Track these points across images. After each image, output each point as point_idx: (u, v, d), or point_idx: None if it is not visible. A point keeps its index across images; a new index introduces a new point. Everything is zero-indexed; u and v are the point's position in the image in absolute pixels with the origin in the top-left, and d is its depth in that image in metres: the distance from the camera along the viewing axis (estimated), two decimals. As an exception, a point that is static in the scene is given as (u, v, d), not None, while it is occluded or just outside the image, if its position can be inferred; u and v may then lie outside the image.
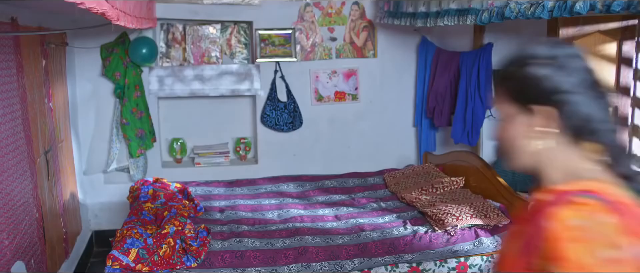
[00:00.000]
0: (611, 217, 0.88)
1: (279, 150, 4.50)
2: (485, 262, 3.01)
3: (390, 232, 3.03)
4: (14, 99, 2.63)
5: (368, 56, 4.54)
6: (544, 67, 0.97)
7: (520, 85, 1.00)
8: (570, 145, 0.98)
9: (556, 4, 2.37)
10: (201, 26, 4.34)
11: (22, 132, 2.73)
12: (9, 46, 2.61)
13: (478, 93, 3.83)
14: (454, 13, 3.20)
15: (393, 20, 4.00)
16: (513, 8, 2.65)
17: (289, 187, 3.96)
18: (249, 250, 2.81)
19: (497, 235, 3.02)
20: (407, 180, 3.87)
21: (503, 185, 3.30)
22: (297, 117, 4.44)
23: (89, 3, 1.67)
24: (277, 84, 4.39)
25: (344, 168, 4.39)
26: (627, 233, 0.88)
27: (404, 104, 4.67)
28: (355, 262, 2.83)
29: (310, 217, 3.34)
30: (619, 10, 2.10)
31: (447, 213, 3.07)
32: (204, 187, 3.89)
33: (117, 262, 2.54)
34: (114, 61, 4.02)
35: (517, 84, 1.00)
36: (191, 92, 4.24)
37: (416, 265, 2.91)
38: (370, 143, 4.65)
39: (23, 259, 2.62)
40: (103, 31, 3.78)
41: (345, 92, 4.55)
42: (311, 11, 4.39)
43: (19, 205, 2.62)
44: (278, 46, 4.37)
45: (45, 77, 3.18)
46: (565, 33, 2.84)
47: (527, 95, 0.99)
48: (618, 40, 2.83)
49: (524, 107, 0.99)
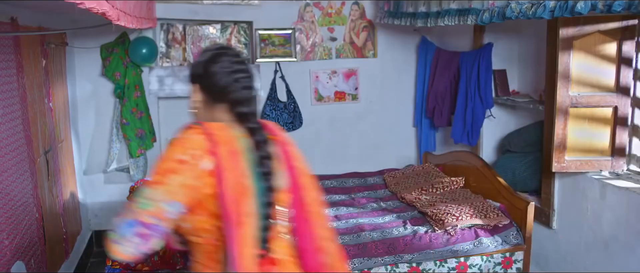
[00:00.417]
0: (200, 137, 1.36)
1: (279, 150, 4.49)
2: (485, 262, 3.01)
3: (390, 232, 3.03)
4: (14, 99, 2.63)
5: (368, 56, 4.54)
6: (197, 60, 1.50)
7: (189, 71, 1.53)
8: (212, 105, 1.47)
9: (557, 4, 2.37)
10: (201, 26, 4.34)
11: (22, 132, 2.73)
12: (9, 46, 2.60)
13: (478, 93, 3.83)
14: (454, 13, 3.20)
15: (393, 20, 4.00)
16: (514, 8, 2.65)
17: (289, 187, 3.96)
18: (249, 250, 2.81)
19: (497, 235, 3.02)
20: (407, 180, 3.87)
21: (503, 185, 3.30)
22: (297, 117, 4.44)
23: (89, 3, 1.67)
24: (277, 84, 4.39)
25: (344, 168, 4.39)
26: (203, 150, 1.34)
27: (404, 104, 4.67)
28: (355, 262, 2.83)
29: (311, 217, 3.33)
30: (619, 10, 2.10)
31: (447, 213, 3.07)
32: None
33: (117, 262, 2.54)
34: (114, 61, 4.02)
35: (188, 71, 1.54)
36: (191, 92, 4.24)
37: (416, 265, 2.91)
38: (370, 144, 4.64)
39: (23, 259, 2.62)
40: (103, 31, 3.77)
41: (345, 92, 4.55)
42: (311, 11, 4.39)
43: (19, 205, 2.62)
44: (278, 46, 4.37)
45: (45, 77, 3.18)
46: (566, 33, 2.84)
47: (189, 78, 1.52)
48: (618, 40, 2.82)
49: (191, 84, 1.51)
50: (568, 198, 3.19)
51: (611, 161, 2.94)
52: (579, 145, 2.97)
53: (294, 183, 1.54)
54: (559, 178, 3.24)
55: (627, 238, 2.75)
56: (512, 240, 3.02)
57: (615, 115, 2.90)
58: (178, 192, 1.29)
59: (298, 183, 1.55)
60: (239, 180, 1.35)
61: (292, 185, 1.52)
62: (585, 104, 2.91)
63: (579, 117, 2.93)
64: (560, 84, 2.90)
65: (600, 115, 2.92)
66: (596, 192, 2.96)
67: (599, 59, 2.87)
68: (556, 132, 2.95)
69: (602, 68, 2.88)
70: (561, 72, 2.89)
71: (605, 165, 2.95)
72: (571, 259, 3.19)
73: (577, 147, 2.97)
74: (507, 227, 3.05)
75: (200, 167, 1.33)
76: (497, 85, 3.92)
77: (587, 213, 3.04)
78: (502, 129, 4.02)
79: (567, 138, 2.95)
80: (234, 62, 1.45)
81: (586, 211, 3.04)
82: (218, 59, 1.45)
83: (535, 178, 3.49)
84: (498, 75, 3.93)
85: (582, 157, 2.97)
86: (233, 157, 1.37)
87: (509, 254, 3.03)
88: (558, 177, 3.24)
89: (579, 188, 3.09)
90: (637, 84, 2.89)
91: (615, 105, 2.89)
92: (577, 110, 2.92)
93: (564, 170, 3.00)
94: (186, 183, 1.31)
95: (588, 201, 3.02)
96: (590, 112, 2.92)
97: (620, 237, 2.79)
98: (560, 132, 2.95)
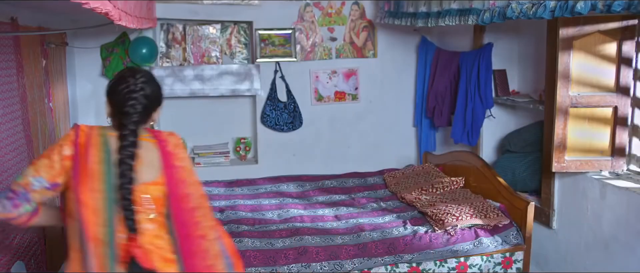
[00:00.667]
0: (72, 132, 1.76)
1: (279, 150, 4.50)
2: (485, 262, 3.01)
3: (390, 232, 3.03)
4: (14, 99, 2.63)
5: (368, 56, 4.54)
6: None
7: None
8: (111, 114, 1.85)
9: (557, 4, 2.37)
10: (201, 26, 4.34)
11: (22, 132, 2.73)
12: (9, 46, 2.61)
13: (478, 93, 3.83)
14: (455, 13, 3.20)
15: (394, 20, 4.00)
16: (515, 8, 2.65)
17: (289, 187, 3.96)
18: (248, 250, 2.81)
19: (497, 235, 3.02)
20: (407, 180, 3.87)
21: (503, 185, 3.30)
22: (297, 117, 4.44)
23: (93, 3, 1.67)
24: (277, 84, 4.39)
25: (344, 168, 4.39)
26: (69, 141, 1.74)
27: (404, 104, 4.67)
28: (355, 262, 2.84)
29: (310, 217, 3.34)
30: (619, 10, 2.11)
31: (447, 213, 3.07)
32: (204, 187, 3.87)
33: None
34: (114, 61, 4.02)
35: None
36: (191, 92, 4.24)
37: (416, 265, 2.91)
38: (370, 144, 4.65)
39: (23, 259, 2.62)
40: (103, 31, 3.77)
41: (345, 92, 4.55)
42: (311, 11, 4.39)
43: (19, 205, 2.62)
44: (278, 46, 4.37)
45: (45, 77, 3.18)
46: (566, 33, 2.84)
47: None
48: (618, 40, 2.83)
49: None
50: (568, 198, 3.19)
51: (611, 161, 2.94)
52: (578, 145, 2.97)
53: (171, 179, 1.80)
54: (559, 178, 3.24)
55: (627, 238, 2.75)
56: (512, 240, 3.02)
57: (615, 115, 2.90)
58: (42, 169, 1.70)
59: (175, 179, 1.81)
60: (89, 165, 1.70)
61: (168, 181, 1.79)
62: (585, 104, 2.91)
63: (578, 117, 2.93)
64: (560, 84, 2.90)
65: (600, 115, 2.92)
66: (596, 192, 2.96)
67: (599, 59, 2.87)
68: (556, 132, 2.95)
69: (602, 68, 2.88)
70: (561, 72, 2.89)
71: (605, 165, 2.95)
72: (571, 259, 3.19)
73: (577, 147, 2.97)
74: (507, 227, 3.05)
75: (63, 152, 1.72)
76: (497, 85, 3.92)
77: (587, 213, 3.04)
78: (502, 129, 4.02)
79: (567, 138, 2.95)
80: (124, 86, 1.79)
81: (586, 211, 3.04)
82: (116, 81, 1.83)
83: (535, 178, 3.49)
84: (498, 75, 3.93)
85: (582, 157, 2.97)
86: (90, 148, 1.74)
87: (509, 254, 3.04)
88: (558, 177, 3.24)
89: (579, 188, 3.09)
90: (637, 84, 2.89)
91: (615, 105, 2.89)
92: (577, 110, 2.92)
93: (564, 170, 3.00)
94: (50, 164, 1.71)
95: (588, 201, 3.03)
96: (590, 112, 2.92)
97: (620, 237, 2.79)
98: (560, 132, 2.95)
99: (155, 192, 1.78)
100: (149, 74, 1.85)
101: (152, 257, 1.74)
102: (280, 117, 4.40)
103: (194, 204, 1.83)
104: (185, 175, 1.84)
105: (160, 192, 1.78)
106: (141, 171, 1.75)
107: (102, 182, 1.70)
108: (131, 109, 1.77)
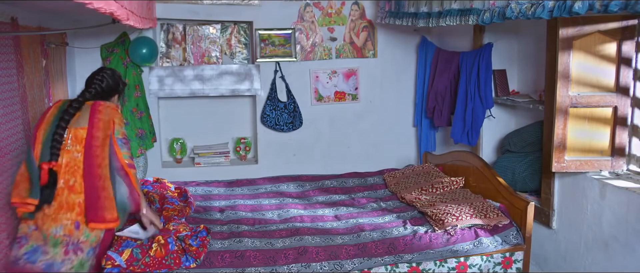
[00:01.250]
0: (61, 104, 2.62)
1: (279, 150, 4.50)
2: (485, 262, 3.01)
3: (390, 232, 3.03)
4: (14, 99, 2.63)
5: (368, 56, 4.54)
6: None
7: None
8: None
9: (556, 4, 2.38)
10: (201, 26, 4.34)
11: (22, 132, 2.73)
12: (9, 46, 2.61)
13: (478, 93, 3.83)
14: (456, 13, 3.20)
15: (394, 20, 4.00)
16: (514, 8, 2.66)
17: (289, 187, 3.96)
18: (248, 250, 2.81)
19: (497, 235, 3.02)
20: (407, 180, 3.87)
21: (503, 185, 3.30)
22: (297, 117, 4.44)
23: (97, 3, 1.67)
24: (277, 84, 4.40)
25: (344, 168, 4.39)
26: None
27: (403, 104, 4.67)
28: (355, 262, 2.84)
29: (310, 217, 3.34)
30: (616, 10, 2.11)
31: (447, 213, 3.07)
32: (204, 187, 3.89)
33: (110, 261, 2.53)
34: (114, 61, 4.02)
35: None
36: (191, 92, 4.24)
37: (416, 265, 2.91)
38: (370, 144, 4.65)
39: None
40: (103, 31, 3.78)
41: (345, 92, 4.55)
42: (311, 11, 4.39)
43: (19, 205, 2.62)
44: (278, 46, 4.37)
45: (45, 77, 3.19)
46: (565, 33, 2.84)
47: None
48: (618, 40, 2.83)
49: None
50: (568, 198, 3.19)
51: (611, 161, 2.94)
52: (578, 145, 2.97)
53: (91, 126, 2.53)
54: (558, 178, 3.25)
55: (627, 238, 2.75)
56: (512, 240, 3.02)
57: (615, 115, 2.90)
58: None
59: (93, 125, 2.53)
60: (43, 119, 2.54)
61: (89, 128, 2.53)
62: (585, 104, 2.91)
63: (578, 117, 2.93)
64: (560, 84, 2.90)
65: (600, 115, 2.92)
66: (596, 192, 2.96)
67: (599, 59, 2.87)
68: (556, 132, 2.95)
69: (601, 68, 2.88)
70: (561, 72, 2.89)
71: (605, 165, 2.95)
72: (571, 259, 3.19)
73: (577, 147, 2.97)
74: (507, 227, 3.05)
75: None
76: (497, 85, 3.93)
77: (587, 213, 3.04)
78: (502, 129, 4.02)
79: (566, 138, 2.95)
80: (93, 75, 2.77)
81: (586, 211, 3.04)
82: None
83: (535, 178, 3.49)
84: (498, 75, 3.93)
85: (582, 157, 2.97)
86: (49, 110, 2.58)
87: (508, 254, 3.04)
88: (558, 177, 3.24)
89: (578, 188, 3.09)
90: (636, 84, 2.89)
91: (615, 105, 2.89)
92: (577, 110, 2.92)
93: (564, 170, 3.00)
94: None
95: (588, 201, 3.03)
96: (590, 112, 2.93)
97: (620, 236, 2.79)
98: (560, 132, 2.95)
99: (80, 136, 2.52)
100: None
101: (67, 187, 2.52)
102: (280, 117, 4.40)
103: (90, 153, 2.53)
104: (93, 132, 2.53)
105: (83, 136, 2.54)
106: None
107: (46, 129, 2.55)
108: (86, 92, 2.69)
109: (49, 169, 2.39)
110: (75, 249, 2.44)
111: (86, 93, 2.64)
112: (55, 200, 2.42)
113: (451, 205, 3.19)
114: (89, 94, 2.65)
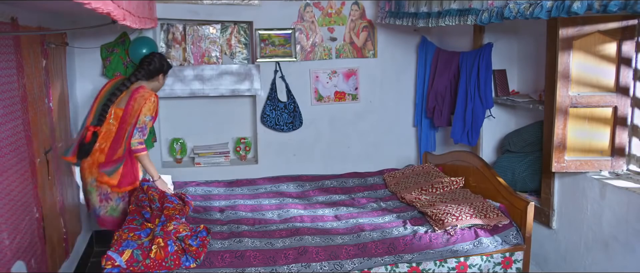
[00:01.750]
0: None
1: (279, 150, 4.50)
2: (485, 262, 3.01)
3: (390, 232, 3.03)
4: (14, 99, 2.63)
5: (368, 56, 4.54)
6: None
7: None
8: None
9: (554, 4, 2.38)
10: (201, 26, 4.34)
11: (22, 132, 2.73)
12: (9, 46, 2.61)
13: (478, 93, 3.83)
14: (455, 13, 3.20)
15: (394, 20, 4.00)
16: (512, 8, 2.66)
17: (289, 187, 3.96)
18: (248, 250, 2.81)
19: (497, 235, 3.02)
20: (407, 180, 3.87)
21: (503, 185, 3.30)
22: (297, 117, 4.44)
23: (95, 3, 1.66)
24: (277, 84, 4.40)
25: (344, 168, 4.39)
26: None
27: (403, 104, 4.67)
28: (355, 262, 2.84)
29: (310, 217, 3.34)
30: (615, 10, 2.11)
31: (447, 213, 3.07)
32: (204, 187, 3.89)
33: (110, 261, 2.53)
34: (114, 61, 4.02)
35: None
36: (191, 92, 4.25)
37: (416, 265, 2.91)
38: (370, 143, 4.65)
39: (23, 259, 2.63)
40: (103, 31, 3.78)
41: (345, 92, 4.55)
42: (311, 11, 4.39)
43: (19, 205, 2.62)
44: (278, 46, 4.37)
45: (45, 77, 3.19)
46: (565, 33, 2.84)
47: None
48: (618, 40, 2.83)
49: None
50: (568, 198, 3.19)
51: (611, 161, 2.94)
52: (578, 145, 2.97)
53: (126, 110, 3.19)
54: (558, 178, 3.24)
55: (627, 238, 2.75)
56: (512, 240, 3.02)
57: (615, 115, 2.90)
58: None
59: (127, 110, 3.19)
60: (100, 94, 3.31)
61: (124, 111, 3.20)
62: (585, 104, 2.91)
63: (578, 117, 2.93)
64: (560, 84, 2.90)
65: (600, 115, 2.92)
66: (596, 192, 2.96)
67: (599, 59, 2.87)
68: (556, 132, 2.95)
69: (601, 68, 2.88)
70: (561, 72, 2.89)
71: (605, 165, 2.95)
72: (571, 259, 3.19)
73: (577, 147, 2.97)
74: (507, 227, 3.05)
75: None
76: (497, 85, 3.93)
77: (586, 213, 3.04)
78: (502, 129, 4.02)
79: (566, 138, 2.95)
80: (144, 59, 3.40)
81: (586, 211, 3.04)
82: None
83: (535, 178, 3.49)
84: (498, 75, 3.93)
85: (581, 157, 2.97)
86: (106, 86, 3.36)
87: (508, 254, 3.04)
88: (558, 177, 3.24)
89: (578, 188, 3.09)
90: (636, 84, 2.89)
91: (615, 105, 2.89)
92: (577, 110, 2.92)
93: (564, 170, 3.00)
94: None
95: (588, 201, 3.03)
96: (590, 112, 2.93)
97: (620, 236, 2.79)
98: (560, 132, 2.95)
99: (119, 114, 3.22)
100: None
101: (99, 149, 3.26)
102: (280, 117, 4.40)
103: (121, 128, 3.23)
104: (128, 111, 3.19)
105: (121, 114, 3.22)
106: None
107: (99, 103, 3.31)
108: (136, 73, 3.35)
109: (93, 131, 3.13)
110: (106, 198, 3.27)
111: (137, 73, 3.31)
112: (92, 156, 3.17)
113: (451, 205, 3.19)
114: (139, 74, 3.31)
